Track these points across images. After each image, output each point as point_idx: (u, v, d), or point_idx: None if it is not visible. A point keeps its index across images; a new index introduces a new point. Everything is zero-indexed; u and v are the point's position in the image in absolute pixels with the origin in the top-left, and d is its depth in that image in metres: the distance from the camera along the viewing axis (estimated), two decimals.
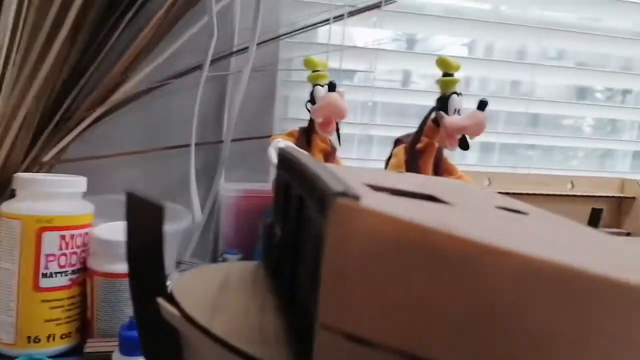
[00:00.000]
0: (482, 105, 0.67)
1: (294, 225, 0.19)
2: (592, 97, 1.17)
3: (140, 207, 0.18)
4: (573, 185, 1.07)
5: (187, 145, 0.79)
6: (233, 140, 0.81)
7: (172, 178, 0.82)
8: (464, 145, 0.72)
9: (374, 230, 0.13)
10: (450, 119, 0.68)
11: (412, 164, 0.72)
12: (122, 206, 0.69)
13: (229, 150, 0.81)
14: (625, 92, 1.18)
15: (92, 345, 0.53)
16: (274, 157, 0.66)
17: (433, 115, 0.71)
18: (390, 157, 0.75)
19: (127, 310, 0.55)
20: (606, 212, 1.12)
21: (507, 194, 0.84)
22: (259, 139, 0.84)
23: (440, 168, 0.76)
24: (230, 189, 0.80)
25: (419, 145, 0.72)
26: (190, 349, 0.18)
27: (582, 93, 1.16)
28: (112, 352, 0.53)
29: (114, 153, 0.77)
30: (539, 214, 0.21)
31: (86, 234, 0.56)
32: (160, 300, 0.18)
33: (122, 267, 0.54)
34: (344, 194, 0.13)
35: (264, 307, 0.19)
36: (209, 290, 0.19)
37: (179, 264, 0.77)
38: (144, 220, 0.18)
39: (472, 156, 1.08)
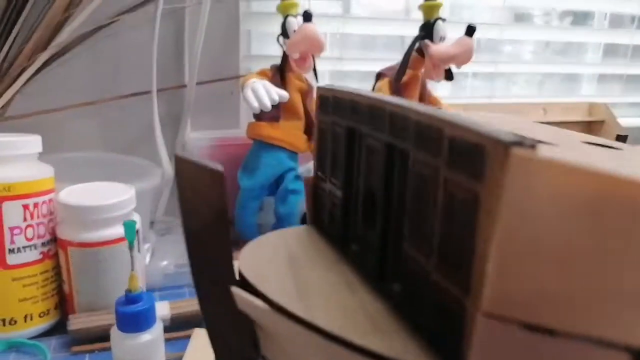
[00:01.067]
0: (470, 31, 0.64)
1: (381, 183, 0.16)
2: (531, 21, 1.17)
3: (195, 175, 0.14)
4: (546, 112, 1.08)
5: (148, 92, 0.72)
6: (198, 84, 0.75)
7: (133, 130, 0.76)
8: (448, 75, 0.69)
9: (563, 185, 0.10)
10: (436, 48, 0.65)
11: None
12: (83, 165, 0.63)
13: (194, 94, 0.75)
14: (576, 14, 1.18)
15: (77, 322, 0.49)
16: (253, 100, 0.62)
17: (417, 45, 0.68)
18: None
19: (109, 281, 0.51)
20: None
21: None
22: (226, 81, 0.78)
23: (425, 101, 0.73)
24: (199, 138, 0.75)
25: (404, 78, 0.68)
26: (275, 344, 0.15)
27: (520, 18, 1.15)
28: (99, 326, 0.50)
29: (64, 106, 0.69)
30: (624, 146, 0.19)
31: (50, 200, 0.51)
32: (237, 291, 0.14)
33: (98, 234, 0.50)
34: (519, 144, 0.10)
35: (352, 286, 0.16)
36: (280, 269, 0.16)
37: (152, 223, 0.73)
38: (202, 191, 0.14)
39: (444, 88, 1.06)
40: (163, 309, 0.53)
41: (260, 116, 0.68)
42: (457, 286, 0.12)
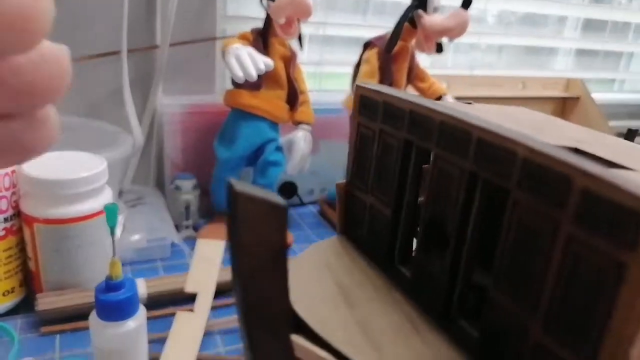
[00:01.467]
0: (466, 3, 0.61)
1: (457, 214, 0.14)
2: None
3: (254, 209, 0.12)
4: (524, 86, 1.09)
5: (117, 52, 0.67)
6: (171, 45, 0.70)
7: (100, 94, 0.70)
8: (439, 48, 0.67)
9: None
10: (430, 20, 0.63)
11: (386, 70, 0.66)
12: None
13: (167, 57, 0.70)
14: None
15: (45, 302, 0.46)
16: (237, 69, 0.58)
17: (409, 15, 0.65)
18: (359, 63, 0.69)
19: (79, 259, 0.48)
20: (552, 112, 1.16)
21: (465, 98, 0.83)
22: (201, 43, 0.73)
23: (412, 74, 0.71)
24: (171, 104, 0.71)
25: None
26: None
27: None
28: (70, 306, 0.47)
29: None
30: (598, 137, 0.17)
31: (13, 171, 0.47)
32: (300, 341, 0.12)
33: (68, 211, 0.46)
34: None
35: (416, 325, 0.14)
36: (337, 308, 0.14)
37: (120, 193, 0.69)
38: (261, 227, 0.12)
39: (425, 59, 1.04)
40: (140, 287, 0.50)
41: (239, 83, 0.64)
42: (574, 355, 0.11)
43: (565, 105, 1.14)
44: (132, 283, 0.37)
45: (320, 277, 0.16)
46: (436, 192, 0.14)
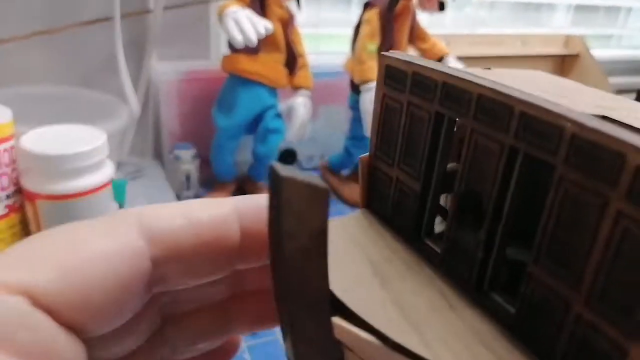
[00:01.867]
0: None
1: (495, 189, 0.14)
2: None
3: (296, 193, 0.11)
4: (524, 44, 1.07)
5: (109, 19, 0.65)
6: (165, 9, 0.68)
7: (92, 61, 0.69)
8: (441, 6, 0.66)
9: None
10: None
11: (387, 31, 0.65)
12: (39, 101, 0.57)
13: (160, 21, 0.68)
14: None
15: None
16: (236, 34, 0.57)
17: None
18: (359, 24, 0.68)
19: None
20: (552, 70, 1.15)
21: (465, 57, 0.82)
22: (195, 6, 0.71)
23: (414, 35, 0.70)
24: (166, 70, 0.70)
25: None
26: None
27: None
28: None
29: (14, 36, 0.62)
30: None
31: (12, 147, 0.46)
32: (341, 323, 0.12)
33: (70, 186, 0.46)
34: None
35: (451, 302, 0.14)
36: (371, 287, 0.14)
37: (118, 165, 0.68)
38: (303, 211, 0.12)
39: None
40: None
41: (237, 48, 0.63)
42: (618, 330, 0.11)
43: (564, 63, 1.14)
44: None
45: (351, 255, 0.16)
46: (472, 166, 0.14)
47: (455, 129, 0.17)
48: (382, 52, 0.19)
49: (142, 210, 0.14)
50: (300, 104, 0.69)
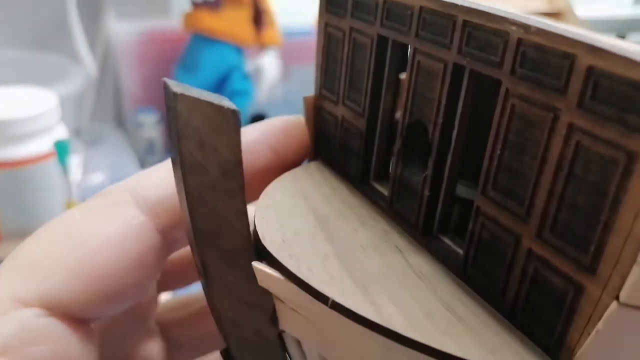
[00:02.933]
0: None
1: (441, 114, 0.12)
2: None
3: (202, 117, 0.10)
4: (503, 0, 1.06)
5: None
6: None
7: (44, 21, 0.65)
8: None
9: None
10: None
11: None
12: None
13: None
14: None
15: (4, 250, 0.45)
16: None
17: None
18: None
19: (38, 203, 0.46)
20: None
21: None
22: None
23: None
24: (125, 29, 0.67)
25: None
26: (300, 319, 0.12)
27: None
28: None
29: None
30: None
31: None
32: (269, 271, 0.11)
33: (21, 152, 0.44)
34: None
35: (400, 247, 0.13)
36: (316, 245, 0.13)
37: (77, 133, 0.66)
38: (211, 139, 0.10)
39: None
40: None
41: (198, 3, 0.61)
42: (572, 264, 0.10)
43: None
44: None
45: (296, 208, 0.14)
46: (415, 93, 0.13)
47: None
48: None
49: (134, 184, 0.14)
50: (269, 63, 0.67)
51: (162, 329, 0.18)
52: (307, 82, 0.72)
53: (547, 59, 0.09)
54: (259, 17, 0.65)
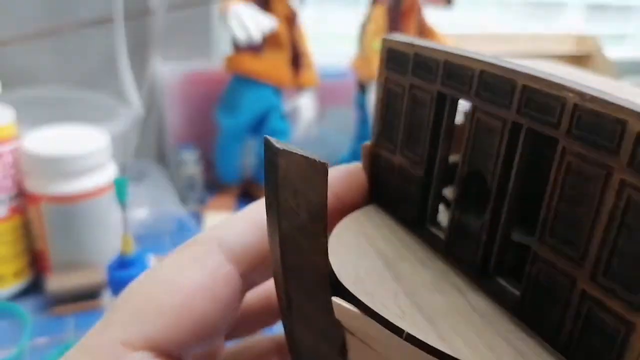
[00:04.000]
0: None
1: (499, 166, 0.14)
2: None
3: (296, 168, 0.12)
4: (534, 43, 1.07)
5: (111, 19, 0.66)
6: (167, 10, 0.69)
7: (93, 62, 0.70)
8: (448, 1, 0.66)
9: None
10: None
11: (394, 28, 0.65)
12: (38, 104, 0.58)
13: (163, 22, 0.69)
14: None
15: (55, 282, 0.47)
16: (239, 32, 0.57)
17: None
18: (365, 22, 0.68)
19: (87, 237, 0.49)
20: None
21: None
22: (198, 5, 0.72)
23: (421, 32, 0.70)
24: (170, 70, 0.70)
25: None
26: (370, 353, 0.14)
27: None
28: (81, 285, 0.48)
29: (13, 36, 0.63)
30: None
31: (15, 149, 0.47)
32: (345, 305, 0.12)
33: (73, 187, 0.47)
34: None
35: (461, 289, 0.15)
36: (386, 283, 0.14)
37: (124, 169, 0.69)
38: (302, 186, 0.12)
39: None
40: (152, 263, 0.51)
41: (240, 47, 0.64)
42: (623, 304, 0.11)
43: (576, 63, 1.13)
44: (144, 258, 0.38)
45: (363, 249, 0.16)
46: (474, 146, 0.15)
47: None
48: (384, 37, 0.19)
49: (219, 232, 0.16)
50: (305, 103, 0.69)
51: None
52: (340, 123, 0.74)
53: (601, 123, 0.11)
54: (297, 60, 0.68)
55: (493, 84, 0.14)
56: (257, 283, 0.17)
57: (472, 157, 0.15)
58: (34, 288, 0.49)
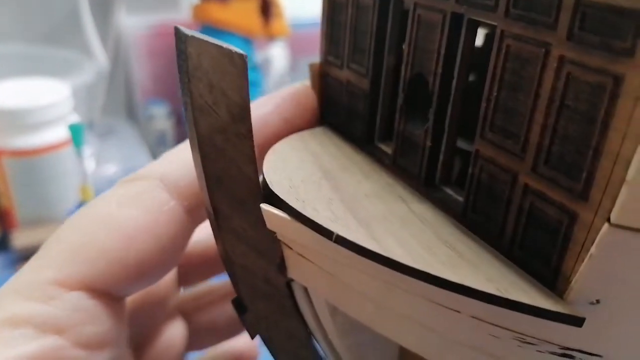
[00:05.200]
0: None
1: (439, 65, 0.13)
2: None
3: (212, 61, 0.11)
4: None
5: None
6: None
7: (56, 16, 0.67)
8: None
9: None
10: None
11: None
12: (4, 59, 0.55)
13: None
14: None
15: (22, 237, 0.46)
16: None
17: None
18: None
19: (53, 191, 0.47)
20: None
21: None
22: None
23: None
24: (135, 23, 0.68)
25: None
26: (308, 266, 0.13)
27: None
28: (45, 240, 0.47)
29: None
30: None
31: None
32: (277, 212, 0.12)
33: (35, 140, 0.45)
34: None
35: (403, 197, 0.14)
36: (322, 191, 0.13)
37: (90, 125, 0.67)
38: (220, 82, 0.11)
39: None
40: None
41: None
42: (566, 193, 0.10)
43: None
44: None
45: (303, 162, 0.15)
46: (416, 46, 0.14)
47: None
48: None
49: (161, 167, 0.15)
50: (277, 54, 0.67)
51: (184, 315, 0.20)
52: None
53: None
54: (266, 9, 0.66)
55: None
56: (205, 219, 0.16)
57: (415, 58, 0.14)
58: (0, 246, 0.48)
